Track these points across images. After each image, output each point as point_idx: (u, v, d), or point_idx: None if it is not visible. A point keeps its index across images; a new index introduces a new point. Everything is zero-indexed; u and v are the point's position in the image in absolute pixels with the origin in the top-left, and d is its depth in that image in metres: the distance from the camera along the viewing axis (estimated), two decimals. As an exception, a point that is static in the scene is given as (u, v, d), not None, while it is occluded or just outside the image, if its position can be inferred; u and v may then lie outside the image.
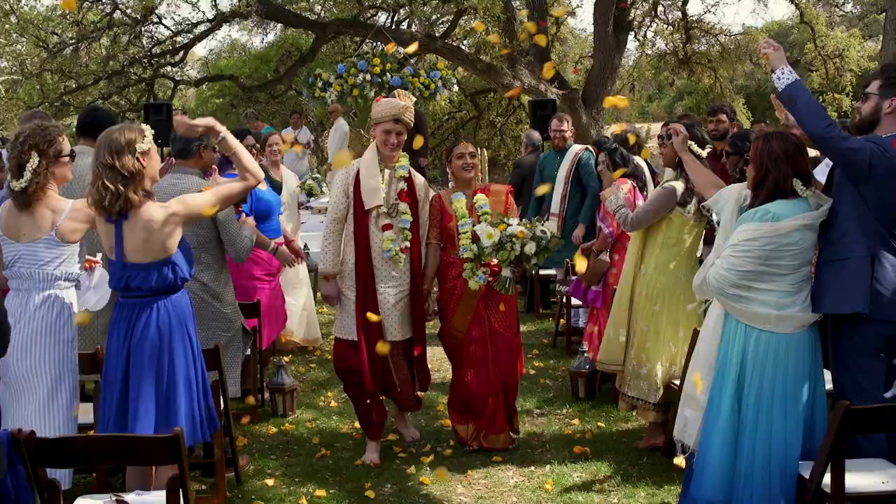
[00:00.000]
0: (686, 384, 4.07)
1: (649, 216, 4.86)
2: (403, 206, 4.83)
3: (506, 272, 4.75)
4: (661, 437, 4.86)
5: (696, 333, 4.24)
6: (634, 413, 5.35)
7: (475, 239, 4.71)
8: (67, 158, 3.83)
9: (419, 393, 5.18)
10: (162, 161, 4.41)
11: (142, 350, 3.53)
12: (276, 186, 6.49)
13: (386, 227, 4.78)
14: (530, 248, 4.65)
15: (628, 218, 4.91)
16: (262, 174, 3.86)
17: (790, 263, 3.57)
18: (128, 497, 3.21)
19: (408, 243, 4.83)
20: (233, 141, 3.74)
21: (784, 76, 3.73)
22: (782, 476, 3.51)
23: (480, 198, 4.95)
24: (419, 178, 5.02)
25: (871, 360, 3.57)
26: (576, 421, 5.53)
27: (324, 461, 4.93)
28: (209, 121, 3.83)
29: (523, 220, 4.84)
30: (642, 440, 5.08)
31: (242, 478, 4.63)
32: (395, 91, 5.03)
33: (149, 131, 3.59)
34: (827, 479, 3.27)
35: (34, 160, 3.66)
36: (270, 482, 4.61)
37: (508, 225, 4.69)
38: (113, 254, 3.54)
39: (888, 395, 3.59)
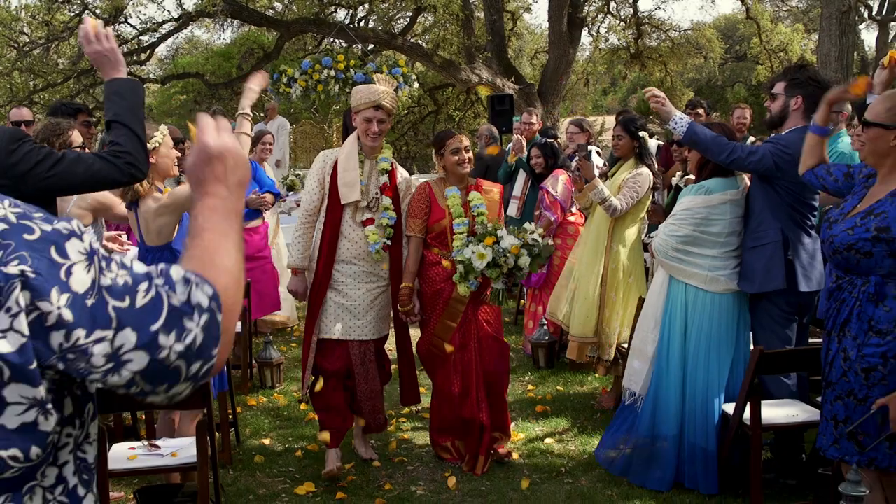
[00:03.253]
0: (634, 339, 4.67)
1: (633, 203, 5.42)
2: (387, 201, 4.57)
3: (498, 284, 4.49)
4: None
5: (641, 301, 4.87)
6: (590, 377, 5.97)
7: (466, 266, 4.39)
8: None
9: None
10: None
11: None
12: (266, 182, 6.93)
13: (367, 223, 4.54)
14: (524, 260, 4.38)
15: (616, 208, 5.38)
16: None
17: (720, 231, 4.22)
18: (158, 442, 3.75)
19: (388, 241, 4.59)
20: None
21: (679, 124, 4.22)
22: (716, 413, 4.15)
23: (475, 196, 4.67)
24: (402, 172, 4.80)
25: (785, 321, 4.19)
26: (537, 386, 6.15)
27: (312, 423, 5.45)
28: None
29: (511, 227, 4.52)
30: (604, 399, 5.67)
31: (242, 437, 5.18)
32: (375, 75, 4.77)
33: (161, 132, 4.01)
34: (747, 414, 3.90)
35: None
36: (267, 441, 5.15)
37: (500, 238, 4.39)
38: (138, 236, 4.06)
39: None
